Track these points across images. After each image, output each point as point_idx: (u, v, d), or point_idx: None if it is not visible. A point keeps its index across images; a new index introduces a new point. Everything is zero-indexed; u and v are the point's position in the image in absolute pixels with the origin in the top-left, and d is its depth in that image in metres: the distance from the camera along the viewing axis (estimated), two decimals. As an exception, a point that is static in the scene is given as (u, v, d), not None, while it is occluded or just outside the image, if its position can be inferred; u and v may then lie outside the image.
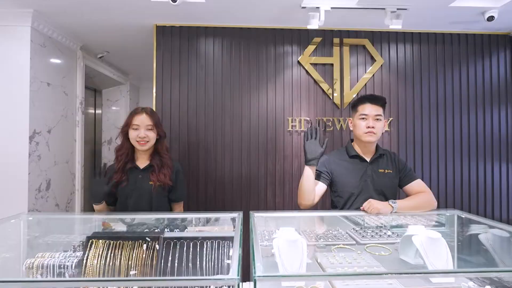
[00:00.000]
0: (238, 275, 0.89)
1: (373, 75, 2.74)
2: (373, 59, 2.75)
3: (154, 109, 2.55)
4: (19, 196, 2.40)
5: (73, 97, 3.05)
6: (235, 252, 1.09)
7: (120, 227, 1.66)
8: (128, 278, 1.26)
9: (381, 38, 2.74)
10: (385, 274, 1.16)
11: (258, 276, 0.88)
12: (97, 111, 4.27)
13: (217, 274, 1.26)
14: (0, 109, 2.38)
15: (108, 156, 4.29)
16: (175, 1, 2.09)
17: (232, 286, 0.88)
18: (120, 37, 2.97)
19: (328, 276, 1.20)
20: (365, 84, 2.72)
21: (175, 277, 1.25)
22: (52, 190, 2.70)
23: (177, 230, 1.56)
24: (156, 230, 1.54)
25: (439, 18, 2.53)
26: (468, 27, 2.68)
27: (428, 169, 2.74)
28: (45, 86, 2.60)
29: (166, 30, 2.65)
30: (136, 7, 2.32)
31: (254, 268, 0.93)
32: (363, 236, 1.62)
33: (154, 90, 2.64)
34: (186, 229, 1.58)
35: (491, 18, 2.34)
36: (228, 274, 0.93)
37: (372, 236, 1.64)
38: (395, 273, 1.05)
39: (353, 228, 1.73)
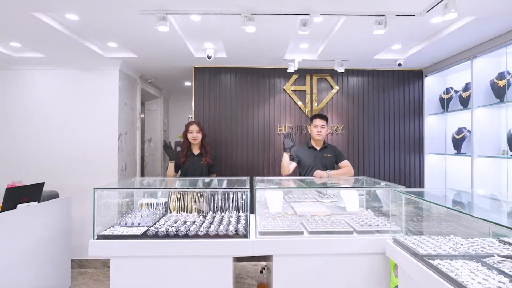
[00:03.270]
0: (248, 187, 2.38)
1: (332, 97, 4.22)
2: (332, 87, 4.23)
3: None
4: (112, 173, 3.91)
5: (135, 110, 4.57)
6: (247, 184, 2.59)
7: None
8: (192, 188, 2.75)
9: (337, 73, 4.21)
10: (307, 187, 2.69)
11: (257, 188, 2.39)
12: (141, 117, 5.78)
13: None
14: (102, 120, 3.90)
15: (148, 150, 5.81)
16: (210, 58, 3.59)
17: (246, 193, 2.38)
18: (166, 71, 4.47)
19: (287, 189, 2.73)
20: (326, 103, 4.21)
21: (216, 187, 2.75)
22: (126, 170, 4.22)
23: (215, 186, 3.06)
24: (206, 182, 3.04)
25: (371, 63, 4.01)
26: (392, 67, 4.15)
27: (368, 159, 4.22)
28: (124, 105, 4.12)
29: (201, 69, 4.16)
30: (184, 57, 3.79)
31: (256, 185, 2.43)
32: (321, 198, 3.10)
33: (193, 107, 4.15)
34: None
35: (399, 65, 3.82)
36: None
37: (327, 197, 3.12)
38: (315, 187, 2.59)
39: (318, 194, 3.22)
